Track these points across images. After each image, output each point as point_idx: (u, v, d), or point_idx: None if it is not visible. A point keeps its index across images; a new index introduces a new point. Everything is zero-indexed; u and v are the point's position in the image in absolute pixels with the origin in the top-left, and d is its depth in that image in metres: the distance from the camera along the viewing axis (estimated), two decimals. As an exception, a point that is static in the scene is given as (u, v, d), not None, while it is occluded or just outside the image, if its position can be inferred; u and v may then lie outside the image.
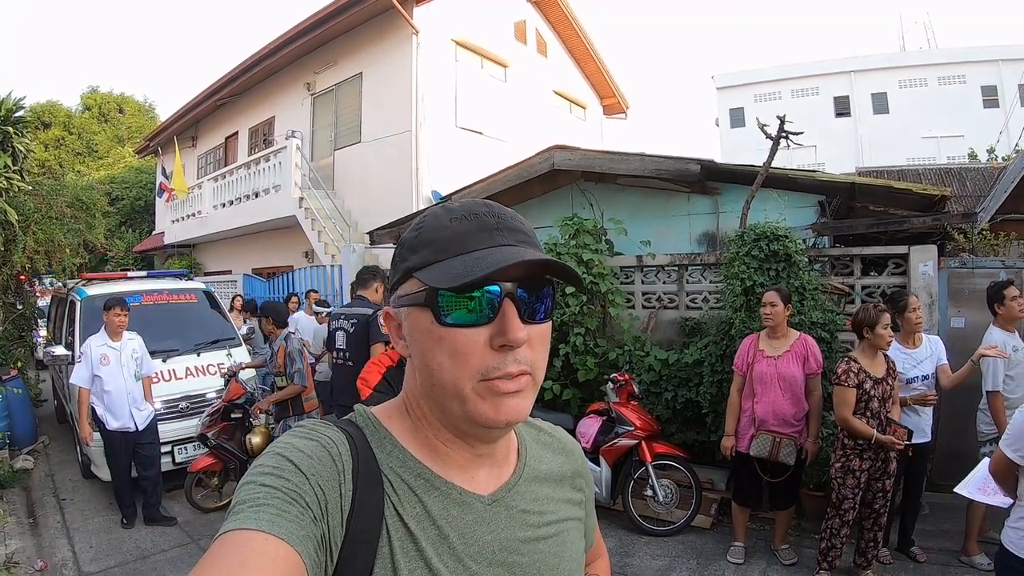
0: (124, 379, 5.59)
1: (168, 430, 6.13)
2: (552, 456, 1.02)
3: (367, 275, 5.07)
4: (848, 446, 3.98)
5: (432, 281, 0.77)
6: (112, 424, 5.51)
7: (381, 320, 0.93)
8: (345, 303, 5.97)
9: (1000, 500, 2.76)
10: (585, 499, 1.06)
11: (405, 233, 0.87)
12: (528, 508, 0.91)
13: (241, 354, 7.39)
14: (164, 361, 6.63)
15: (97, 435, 5.66)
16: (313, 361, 7.52)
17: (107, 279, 8.02)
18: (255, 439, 5.57)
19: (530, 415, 0.88)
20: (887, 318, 3.90)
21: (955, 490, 2.98)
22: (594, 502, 1.13)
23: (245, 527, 0.67)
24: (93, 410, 5.53)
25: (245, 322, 9.12)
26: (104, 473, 6.10)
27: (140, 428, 5.62)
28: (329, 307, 9.85)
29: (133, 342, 5.77)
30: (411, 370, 0.88)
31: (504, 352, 0.78)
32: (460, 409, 0.80)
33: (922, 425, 4.34)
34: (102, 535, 5.43)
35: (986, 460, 3.04)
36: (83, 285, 7.52)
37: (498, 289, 0.78)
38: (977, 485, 2.92)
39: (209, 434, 5.66)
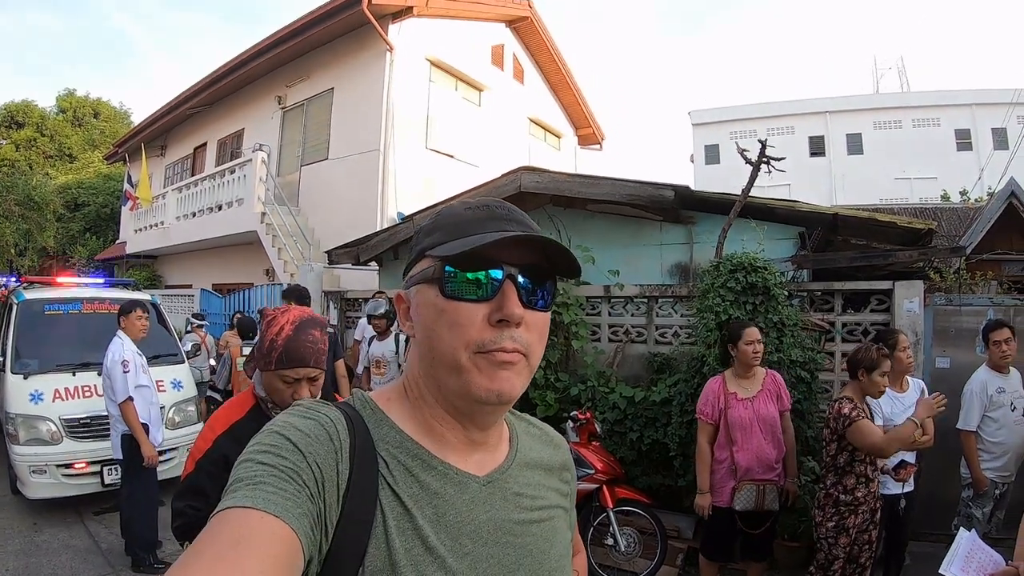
0: (155, 389, 5.25)
1: (99, 448, 5.70)
2: (541, 447, 1.05)
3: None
4: (844, 502, 3.58)
5: (439, 253, 0.83)
6: (157, 440, 5.03)
7: None
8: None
9: None
10: (570, 492, 1.08)
11: (423, 222, 0.94)
12: (521, 491, 0.93)
13: (183, 372, 6.98)
14: (100, 375, 6.18)
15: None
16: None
17: (49, 283, 7.78)
18: None
19: None
20: (888, 364, 3.58)
21: (940, 571, 2.70)
22: (575, 498, 1.14)
23: (241, 505, 0.68)
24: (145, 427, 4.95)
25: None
26: (32, 491, 5.80)
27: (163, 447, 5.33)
28: (204, 321, 9.78)
29: None
30: (414, 351, 0.91)
31: (501, 328, 0.82)
32: (456, 381, 0.83)
33: None
34: (20, 558, 5.01)
35: (963, 532, 2.78)
36: (23, 288, 7.29)
37: (500, 272, 0.83)
38: (959, 565, 2.65)
39: None
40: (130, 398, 4.80)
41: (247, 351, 5.93)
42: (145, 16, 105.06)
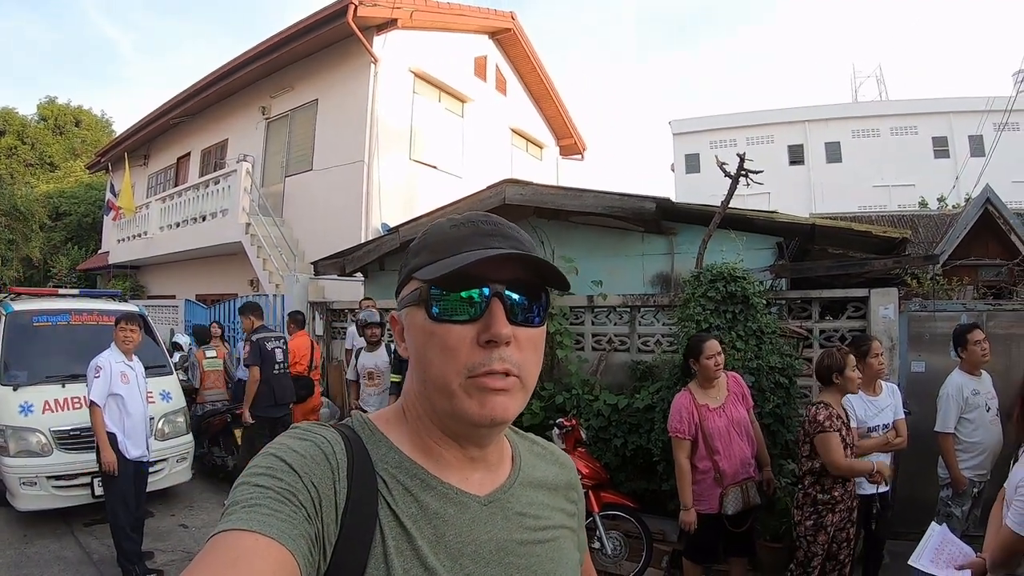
0: (142, 402, 5.14)
1: (90, 460, 5.53)
2: (546, 466, 1.02)
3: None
4: (822, 501, 3.67)
5: (424, 276, 0.82)
6: (132, 453, 4.92)
7: None
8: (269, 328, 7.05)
9: (953, 574, 2.59)
10: (578, 512, 1.06)
11: (411, 242, 0.92)
12: (524, 511, 0.91)
13: (171, 383, 6.95)
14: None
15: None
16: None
17: (37, 294, 7.66)
18: None
19: None
20: (853, 360, 3.70)
21: (910, 562, 2.79)
22: (584, 518, 1.10)
23: (237, 527, 0.67)
24: (112, 436, 4.90)
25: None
26: (22, 503, 5.70)
27: (151, 459, 5.22)
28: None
29: (140, 364, 5.31)
30: (410, 372, 0.90)
31: (490, 349, 0.80)
32: (448, 405, 0.82)
33: None
34: (11, 570, 4.96)
35: (934, 526, 2.86)
36: (11, 299, 7.18)
37: (487, 289, 0.81)
38: (930, 557, 2.73)
39: None
40: (93, 403, 4.80)
41: (210, 353, 8.35)
42: (129, 23, 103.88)
